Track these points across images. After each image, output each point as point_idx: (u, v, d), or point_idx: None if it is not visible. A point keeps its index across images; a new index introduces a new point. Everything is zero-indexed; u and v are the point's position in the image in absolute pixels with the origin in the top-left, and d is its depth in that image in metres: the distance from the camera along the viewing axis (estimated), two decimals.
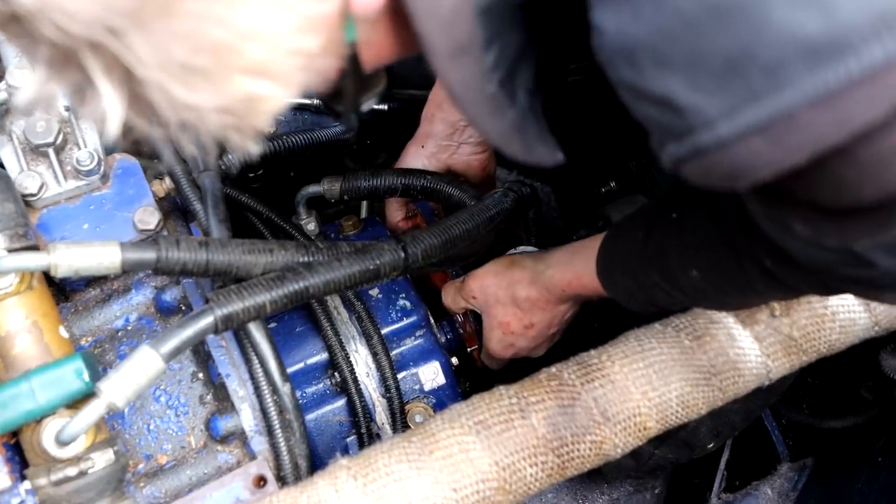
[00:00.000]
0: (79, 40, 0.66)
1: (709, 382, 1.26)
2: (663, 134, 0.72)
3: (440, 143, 1.66)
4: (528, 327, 1.51)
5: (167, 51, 0.67)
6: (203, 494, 1.26)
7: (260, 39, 0.70)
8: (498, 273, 1.52)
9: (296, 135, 1.60)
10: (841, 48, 0.59)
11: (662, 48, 0.65)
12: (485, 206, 1.46)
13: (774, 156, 0.67)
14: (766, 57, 0.61)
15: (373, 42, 0.79)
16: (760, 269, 1.05)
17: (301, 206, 1.68)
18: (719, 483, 1.78)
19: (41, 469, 1.14)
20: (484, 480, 1.16)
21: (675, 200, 1.21)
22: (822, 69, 0.60)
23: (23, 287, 1.20)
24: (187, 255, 1.18)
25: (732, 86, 0.64)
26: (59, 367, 1.14)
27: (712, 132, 0.67)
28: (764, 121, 0.64)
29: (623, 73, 0.69)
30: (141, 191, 1.39)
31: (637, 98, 0.70)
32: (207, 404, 1.38)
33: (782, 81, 0.62)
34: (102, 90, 0.69)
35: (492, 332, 1.56)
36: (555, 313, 1.49)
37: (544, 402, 1.21)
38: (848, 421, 1.72)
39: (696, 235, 1.15)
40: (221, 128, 0.75)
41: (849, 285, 0.98)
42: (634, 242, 1.23)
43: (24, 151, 1.34)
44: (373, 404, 1.50)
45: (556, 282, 1.43)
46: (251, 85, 0.72)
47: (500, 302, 1.51)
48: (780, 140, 0.65)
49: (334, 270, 1.23)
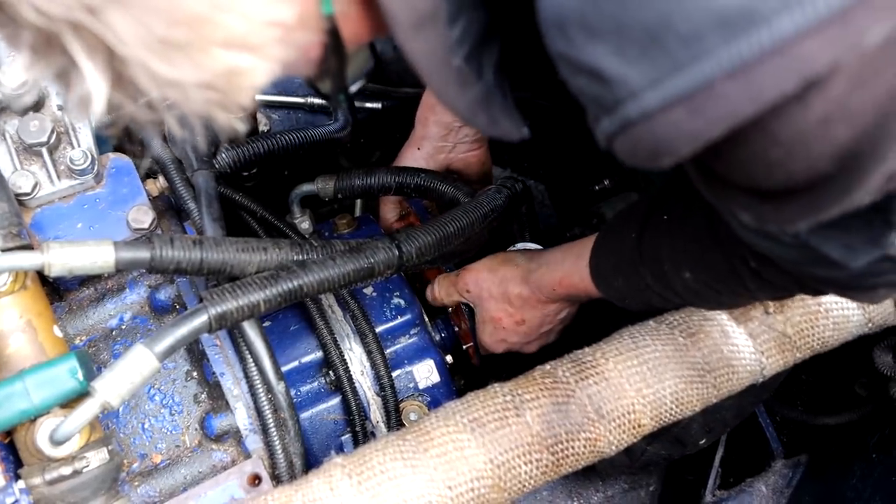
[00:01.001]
0: (59, 22, 0.66)
1: (703, 379, 1.26)
2: (596, 108, 0.71)
3: (436, 145, 1.66)
4: (519, 323, 1.52)
5: (145, 26, 0.67)
6: (198, 493, 1.26)
7: (235, 10, 0.70)
8: (492, 269, 1.53)
9: (290, 133, 1.59)
10: (754, 19, 0.60)
11: (590, 16, 0.65)
12: (478, 204, 1.46)
13: (694, 127, 0.67)
14: (684, 27, 0.62)
15: (349, 16, 0.79)
16: (748, 268, 1.07)
17: (295, 205, 1.68)
18: (714, 480, 1.78)
19: (35, 468, 1.14)
20: (479, 478, 1.16)
21: (665, 201, 1.21)
22: (736, 40, 0.61)
23: (17, 286, 1.20)
24: (181, 254, 1.17)
25: (655, 56, 0.64)
26: (53, 367, 1.14)
27: (638, 103, 0.67)
28: (685, 91, 0.64)
29: (557, 45, 0.69)
30: (135, 190, 1.39)
31: (571, 71, 0.70)
32: (202, 403, 1.38)
33: (700, 52, 0.62)
34: (86, 71, 0.70)
35: (484, 326, 1.57)
36: (546, 312, 1.49)
37: (539, 399, 1.21)
38: (842, 417, 1.72)
39: (686, 237, 1.16)
40: (205, 104, 0.75)
41: (822, 285, 0.99)
42: (627, 244, 1.24)
43: (18, 151, 1.34)
44: (367, 402, 1.50)
45: (545, 281, 1.44)
46: (230, 58, 0.72)
47: (492, 297, 1.52)
48: (700, 111, 0.65)
49: (328, 269, 1.23)
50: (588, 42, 0.66)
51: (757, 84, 0.63)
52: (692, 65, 0.63)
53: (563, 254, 1.43)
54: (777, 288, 1.09)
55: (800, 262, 0.92)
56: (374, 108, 1.97)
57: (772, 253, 0.93)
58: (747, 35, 0.60)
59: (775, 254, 0.93)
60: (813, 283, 0.98)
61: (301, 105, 1.94)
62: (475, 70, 0.83)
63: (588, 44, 0.66)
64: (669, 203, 1.20)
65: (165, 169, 1.42)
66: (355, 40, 0.83)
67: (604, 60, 0.66)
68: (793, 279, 1.01)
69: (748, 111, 0.65)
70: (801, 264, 0.92)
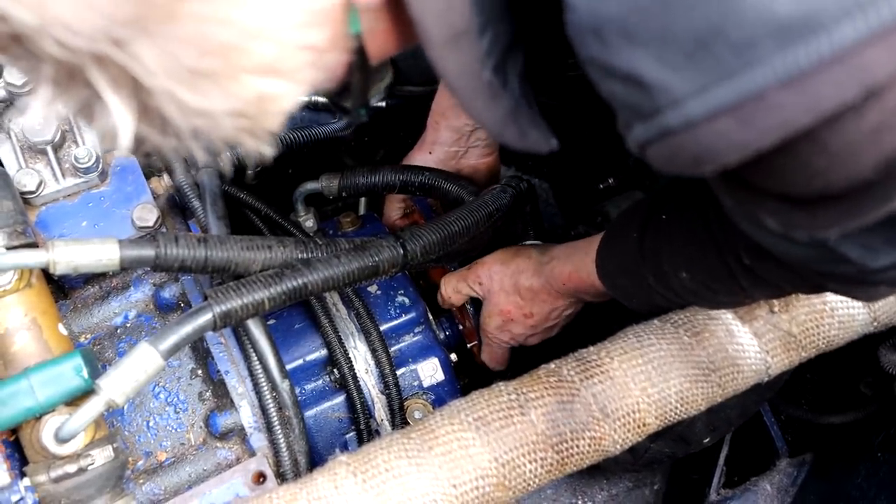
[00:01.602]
0: (83, 55, 0.65)
1: (708, 379, 1.26)
2: (630, 114, 0.70)
3: (448, 150, 1.66)
4: (528, 316, 1.52)
5: (174, 57, 0.66)
6: (202, 491, 1.26)
7: (267, 37, 0.69)
8: (504, 261, 1.53)
9: (294, 132, 1.59)
10: (812, 27, 0.59)
11: (632, 23, 0.64)
12: (483, 203, 1.46)
13: (744, 138, 0.65)
14: (737, 35, 0.60)
15: (377, 33, 0.78)
16: (741, 266, 1.06)
17: (299, 203, 1.68)
18: (718, 479, 1.78)
19: (40, 466, 1.14)
20: (483, 476, 1.16)
21: (664, 201, 1.21)
22: (793, 48, 0.59)
23: (22, 284, 1.20)
24: (186, 252, 1.18)
25: (702, 64, 0.62)
26: (58, 365, 1.14)
27: (680, 111, 0.65)
28: (734, 100, 0.62)
29: (591, 50, 0.67)
30: (139, 188, 1.39)
31: (604, 75, 0.69)
32: (206, 401, 1.38)
33: (753, 60, 0.60)
34: (111, 104, 0.68)
35: (491, 318, 1.57)
36: (555, 306, 1.49)
37: (543, 398, 1.21)
38: (847, 416, 1.72)
39: (683, 237, 1.15)
40: (234, 131, 0.74)
41: (826, 281, 0.97)
42: (629, 244, 1.24)
43: (23, 149, 1.34)
44: (372, 401, 1.50)
45: (556, 274, 1.44)
46: (261, 84, 0.72)
47: (503, 289, 1.52)
48: (750, 121, 0.64)
49: (333, 267, 1.23)
50: (627, 47, 0.65)
51: (814, 93, 0.61)
52: (743, 73, 0.61)
53: (573, 249, 1.43)
54: (771, 286, 1.08)
55: (812, 261, 0.90)
56: (378, 106, 1.96)
57: (782, 252, 0.91)
58: (805, 43, 0.59)
59: (786, 253, 0.91)
60: (817, 277, 0.96)
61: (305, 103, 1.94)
62: (501, 81, 0.82)
63: (627, 49, 0.65)
64: (668, 203, 1.20)
65: (170, 167, 1.42)
66: (380, 55, 0.82)
67: (644, 66, 0.65)
68: (791, 275, 0.99)
69: (803, 121, 0.63)
70: (813, 263, 0.90)
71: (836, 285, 1.00)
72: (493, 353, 1.63)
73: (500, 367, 1.67)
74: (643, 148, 0.71)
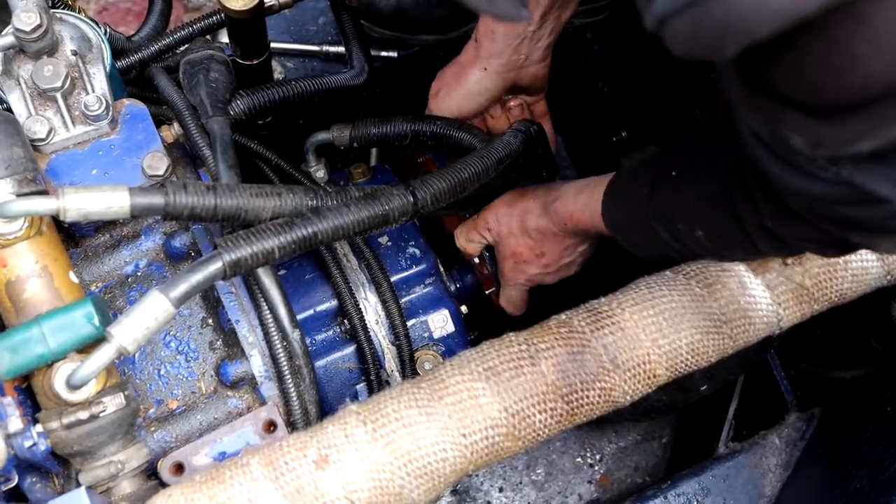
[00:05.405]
0: None
1: (719, 330, 1.26)
2: None
3: (508, 59, 1.55)
4: (540, 256, 1.52)
5: None
6: (213, 439, 1.27)
7: None
8: (511, 203, 1.52)
9: (305, 80, 1.58)
10: None
11: None
12: (493, 149, 1.44)
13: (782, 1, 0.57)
14: None
15: None
16: (763, 230, 1.04)
17: (310, 154, 1.67)
18: (727, 432, 1.78)
19: (53, 413, 1.15)
20: (493, 426, 1.16)
21: (675, 157, 1.19)
22: None
23: (32, 232, 1.20)
24: (195, 200, 1.17)
25: None
26: (69, 312, 1.14)
27: None
28: None
29: None
30: (149, 136, 1.38)
31: None
32: (217, 350, 1.38)
33: None
34: None
35: (504, 262, 1.57)
36: (566, 244, 1.49)
37: (554, 348, 1.21)
38: (857, 371, 1.72)
39: (698, 197, 1.13)
40: None
41: (850, 232, 0.92)
42: (640, 199, 1.22)
43: (32, 96, 1.33)
44: (382, 351, 1.50)
45: (561, 213, 1.43)
46: None
47: (512, 232, 1.52)
48: None
49: (343, 216, 1.22)
50: None
51: None
52: None
53: (577, 189, 1.42)
54: (790, 248, 1.06)
55: (836, 202, 0.84)
56: (389, 56, 1.95)
57: (805, 191, 0.85)
58: None
59: (809, 193, 0.85)
60: (840, 230, 0.92)
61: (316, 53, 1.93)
62: None
63: None
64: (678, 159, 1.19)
65: (180, 115, 1.41)
66: None
67: None
68: (815, 232, 0.96)
69: None
70: (837, 204, 0.84)
71: (860, 236, 0.93)
72: (511, 297, 1.63)
73: (518, 311, 1.66)
74: (661, 22, 0.63)
